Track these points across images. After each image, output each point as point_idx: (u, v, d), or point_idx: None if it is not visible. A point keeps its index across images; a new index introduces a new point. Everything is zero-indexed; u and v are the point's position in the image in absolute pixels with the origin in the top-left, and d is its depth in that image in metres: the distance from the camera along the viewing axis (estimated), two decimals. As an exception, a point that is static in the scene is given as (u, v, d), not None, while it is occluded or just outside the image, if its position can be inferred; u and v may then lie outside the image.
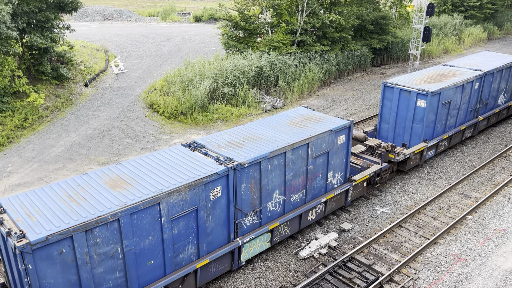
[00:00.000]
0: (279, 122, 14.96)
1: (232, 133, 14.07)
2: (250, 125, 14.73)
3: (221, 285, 12.96)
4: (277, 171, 13.09)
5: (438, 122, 19.66)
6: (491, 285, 12.84)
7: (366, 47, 36.76)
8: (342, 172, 15.66)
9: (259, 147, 12.94)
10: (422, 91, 18.44)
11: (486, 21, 52.80)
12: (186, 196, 10.95)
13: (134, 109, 26.31)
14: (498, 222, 15.94)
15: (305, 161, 13.87)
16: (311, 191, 14.62)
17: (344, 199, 16.14)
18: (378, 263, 13.92)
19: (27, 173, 19.22)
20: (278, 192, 13.43)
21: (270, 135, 13.84)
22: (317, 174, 14.54)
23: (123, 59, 34.76)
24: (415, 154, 18.79)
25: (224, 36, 32.68)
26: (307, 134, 13.84)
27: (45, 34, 25.00)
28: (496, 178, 19.31)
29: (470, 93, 21.14)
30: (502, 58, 24.63)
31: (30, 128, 23.32)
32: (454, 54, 43.84)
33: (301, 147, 13.54)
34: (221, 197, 11.86)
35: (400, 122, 19.58)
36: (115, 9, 55.27)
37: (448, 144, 21.09)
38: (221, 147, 13.04)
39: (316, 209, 15.04)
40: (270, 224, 13.43)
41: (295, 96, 29.77)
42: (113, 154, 21.11)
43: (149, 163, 11.93)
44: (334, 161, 14.99)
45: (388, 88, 19.51)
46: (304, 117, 15.45)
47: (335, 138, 14.64)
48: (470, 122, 22.03)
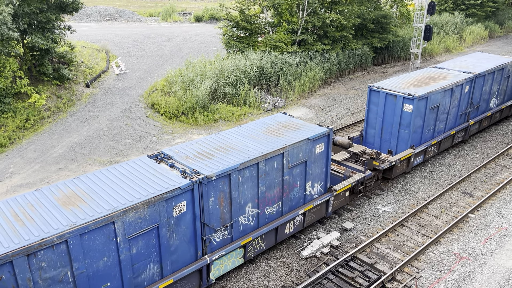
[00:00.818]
0: (254, 130, 14.24)
1: (203, 142, 13.33)
2: (224, 133, 14.01)
3: (223, 285, 12.97)
4: (249, 183, 12.40)
5: (426, 127, 18.92)
6: (493, 284, 12.82)
7: (367, 46, 36.72)
8: (322, 182, 14.94)
9: (229, 158, 12.23)
10: (408, 95, 17.74)
11: (487, 19, 52.68)
12: (144, 213, 10.22)
13: (135, 109, 26.33)
14: (500, 221, 15.91)
15: (281, 172, 13.17)
16: (288, 202, 13.91)
17: (324, 210, 15.38)
18: (381, 262, 13.91)
19: (29, 174, 19.26)
20: (251, 205, 12.73)
21: (244, 144, 13.13)
22: (294, 185, 13.85)
23: (124, 60, 34.79)
24: (401, 161, 18.06)
25: (225, 36, 32.69)
26: (282, 143, 13.12)
27: (46, 35, 25.04)
28: (498, 177, 19.27)
29: (460, 97, 20.40)
30: (494, 60, 23.85)
31: (31, 129, 23.36)
32: (455, 53, 43.77)
33: (275, 157, 12.83)
34: (186, 213, 11.12)
35: (386, 128, 18.88)
36: (116, 10, 55.32)
37: (437, 150, 20.37)
38: (189, 158, 12.28)
39: (294, 222, 14.32)
40: (242, 239, 12.73)
41: (296, 96, 29.76)
42: (114, 154, 21.13)
43: (109, 177, 11.19)
44: (312, 171, 14.27)
45: (374, 92, 18.83)
46: (281, 124, 14.71)
47: (313, 146, 13.92)
48: (461, 126, 21.28)
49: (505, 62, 23.17)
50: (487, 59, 24.12)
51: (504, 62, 23.13)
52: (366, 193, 17.63)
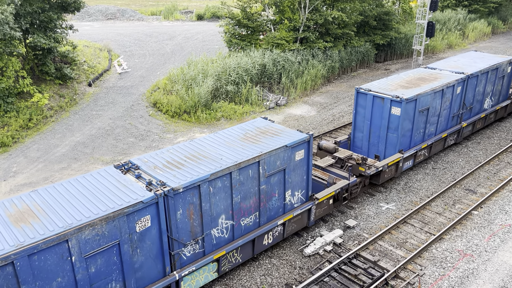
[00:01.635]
0: (231, 137, 13.61)
1: (175, 150, 12.70)
2: (198, 140, 13.38)
3: (226, 283, 12.99)
4: (221, 194, 11.80)
5: (415, 130, 18.20)
6: (497, 281, 12.79)
7: (369, 43, 36.63)
8: (303, 190, 14.30)
9: (200, 167, 11.60)
10: (396, 98, 17.03)
11: (490, 16, 52.45)
12: (103, 230, 9.57)
13: (137, 108, 26.36)
14: (504, 217, 15.86)
15: (257, 181, 12.54)
16: (266, 213, 13.27)
17: (306, 219, 14.73)
18: (384, 259, 13.90)
19: (32, 173, 19.32)
20: (224, 216, 12.12)
21: (217, 152, 12.51)
22: (272, 194, 13.23)
23: (126, 58, 34.83)
24: (389, 166, 17.34)
25: (227, 34, 32.67)
26: (257, 151, 12.47)
27: (48, 34, 25.09)
28: (501, 173, 19.21)
29: (452, 98, 19.67)
30: (488, 59, 23.02)
31: (34, 128, 23.42)
32: (458, 49, 43.60)
33: (250, 166, 12.18)
34: (151, 227, 10.50)
35: (374, 131, 18.21)
36: (118, 9, 55.35)
37: (428, 154, 19.70)
38: (157, 168, 11.67)
39: (273, 232, 13.71)
40: (215, 253, 12.09)
41: (299, 93, 29.72)
42: (117, 153, 21.17)
43: (70, 191, 10.53)
44: (292, 179, 13.64)
45: (361, 95, 18.15)
46: (260, 130, 14.04)
47: (292, 154, 13.28)
48: (453, 129, 20.54)
49: (500, 62, 22.41)
50: (481, 58, 23.35)
51: (498, 62, 22.37)
52: (352, 200, 17.06)
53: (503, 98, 24.25)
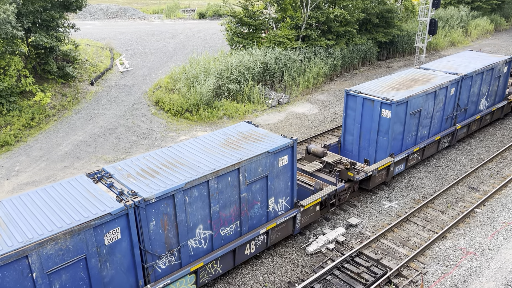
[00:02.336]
0: (211, 143, 13.10)
1: (151, 157, 12.21)
2: (177, 146, 12.89)
3: (229, 281, 13.00)
4: (198, 203, 11.33)
5: (406, 133, 17.68)
6: (500, 279, 12.76)
7: (372, 41, 36.54)
8: (288, 197, 13.78)
9: (175, 176, 11.12)
10: (386, 100, 16.55)
11: (493, 13, 52.24)
12: (67, 244, 9.11)
13: (140, 106, 26.38)
14: (507, 215, 15.82)
15: (237, 189, 12.07)
16: (248, 221, 12.79)
17: (292, 227, 14.27)
18: (386, 257, 13.88)
19: (35, 172, 19.37)
20: (202, 226, 11.64)
21: (195, 159, 12.00)
22: (254, 202, 12.75)
23: (128, 57, 34.84)
24: (379, 171, 16.85)
25: (229, 32, 32.63)
26: (237, 158, 11.99)
27: (50, 33, 25.11)
28: (504, 171, 19.15)
29: (445, 100, 19.16)
30: (484, 59, 22.43)
31: (37, 127, 23.47)
32: (461, 47, 43.45)
33: (229, 174, 11.70)
34: (121, 240, 10.04)
35: (364, 134, 17.75)
36: (120, 7, 55.37)
37: (420, 157, 19.19)
38: (131, 176, 11.16)
39: (256, 241, 13.24)
40: (193, 265, 11.58)
41: (301, 91, 29.68)
42: (119, 152, 21.20)
43: (36, 202, 10.04)
44: (275, 186, 13.15)
45: (351, 97, 17.68)
46: (242, 135, 13.55)
47: (275, 160, 12.78)
48: (447, 131, 20.02)
49: (495, 62, 21.84)
50: (476, 58, 22.77)
51: (494, 62, 21.80)
52: (341, 206, 16.60)
53: (500, 99, 23.66)
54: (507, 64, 22.95)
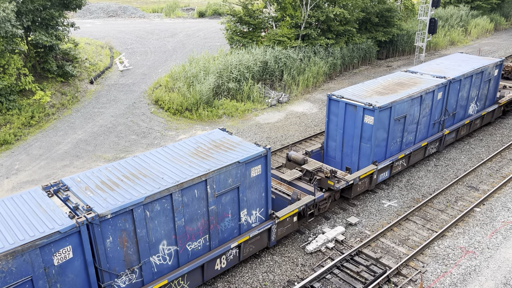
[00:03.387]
0: (180, 152, 12.45)
1: (114, 168, 11.58)
2: (143, 156, 12.23)
3: (229, 280, 13.02)
4: (161, 218, 10.70)
5: (391, 140, 17.00)
6: (499, 278, 12.78)
7: (371, 40, 36.55)
8: (262, 209, 13.14)
9: (136, 189, 10.49)
10: (368, 106, 15.87)
11: (493, 12, 52.24)
12: (9, 265, 8.52)
13: (139, 105, 26.38)
14: (506, 214, 15.84)
15: (205, 202, 11.48)
16: (218, 235, 12.20)
17: (267, 239, 13.67)
18: (386, 256, 13.91)
19: (34, 170, 19.37)
20: (166, 242, 11.02)
21: (160, 170, 11.39)
22: (224, 215, 12.16)
23: (128, 56, 34.82)
24: (361, 179, 16.21)
25: (228, 31, 32.62)
26: (205, 168, 11.38)
27: (50, 32, 25.09)
28: (504, 170, 19.17)
29: (432, 104, 18.50)
30: (473, 62, 21.74)
31: (37, 126, 23.46)
32: (460, 46, 43.46)
33: (195, 186, 11.08)
34: (73, 259, 9.41)
35: (347, 141, 17.10)
36: (119, 6, 55.32)
37: (406, 164, 18.52)
38: (89, 189, 10.53)
39: (227, 256, 12.65)
40: (156, 283, 10.96)
41: (300, 91, 29.69)
42: (119, 150, 21.21)
43: None
44: (248, 197, 12.53)
45: (334, 101, 17.04)
46: (214, 143, 12.94)
47: (247, 170, 12.17)
48: (434, 136, 19.36)
49: (485, 65, 21.20)
50: (466, 61, 22.10)
51: (483, 65, 21.16)
52: (322, 214, 16.01)
53: (490, 103, 23.01)
54: (498, 67, 22.28)
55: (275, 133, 23.34)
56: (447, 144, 20.90)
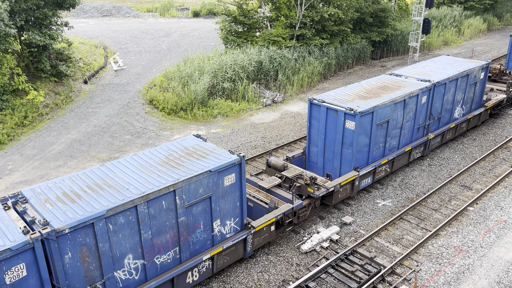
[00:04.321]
0: (150, 160, 11.96)
1: (78, 178, 11.05)
2: (111, 164, 11.76)
3: (223, 280, 13.01)
4: (126, 231, 10.24)
5: (373, 145, 16.60)
6: (492, 276, 12.88)
7: (366, 40, 36.66)
8: (237, 218, 12.73)
9: (98, 201, 10.00)
10: (349, 111, 15.42)
11: (486, 12, 52.59)
12: None
13: (134, 105, 26.29)
14: (499, 213, 15.96)
15: (174, 213, 11.01)
16: (189, 247, 11.76)
17: (242, 250, 13.23)
18: (380, 255, 13.96)
19: (28, 170, 19.25)
20: (132, 256, 10.56)
21: (126, 180, 10.91)
22: (196, 226, 11.72)
23: (122, 56, 34.70)
24: (342, 185, 15.78)
25: (223, 31, 32.60)
26: (174, 178, 10.93)
27: (43, 31, 24.94)
28: (497, 170, 19.31)
29: (416, 109, 18.13)
30: (459, 65, 21.40)
31: (30, 126, 23.32)
32: (454, 46, 43.71)
33: (163, 197, 10.62)
34: (28, 277, 8.95)
35: (329, 146, 16.67)
36: (113, 5, 55.09)
37: (390, 169, 18.14)
38: (48, 202, 9.96)
39: (199, 268, 12.19)
40: None
41: (295, 90, 29.73)
42: (113, 150, 21.13)
43: None
44: (221, 207, 12.12)
45: (315, 106, 16.62)
46: (186, 151, 12.41)
47: (219, 179, 11.73)
48: (419, 141, 19.02)
49: (471, 67, 20.86)
50: (452, 64, 21.76)
51: (469, 68, 20.81)
52: (301, 223, 15.60)
53: (476, 106, 22.69)
54: (484, 69, 21.98)
55: (270, 133, 23.36)
56: (432, 148, 20.62)
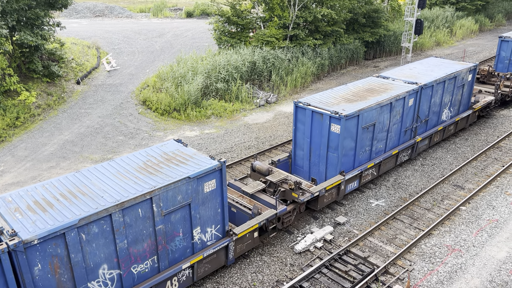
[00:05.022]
0: (128, 166, 11.60)
1: (52, 185, 10.67)
2: (86, 171, 11.38)
3: (217, 280, 12.99)
4: (100, 241, 9.89)
5: (359, 149, 16.40)
6: (485, 275, 12.98)
7: (359, 41, 36.81)
8: (218, 225, 12.43)
9: (71, 210, 9.65)
10: (335, 114, 15.15)
11: (478, 13, 53.00)
12: None
13: (127, 106, 26.18)
14: (491, 213, 16.09)
15: (151, 221, 10.70)
16: (167, 256, 11.44)
17: (224, 258, 12.94)
18: (374, 255, 14.02)
19: (20, 172, 19.10)
20: (107, 266, 10.21)
21: (102, 188, 10.56)
22: (175, 234, 11.41)
23: (115, 56, 34.53)
24: (327, 190, 15.55)
25: (216, 31, 32.56)
26: (150, 185, 10.60)
27: (35, 32, 24.76)
28: (489, 169, 19.47)
29: (403, 111, 17.93)
30: (446, 67, 21.24)
31: (22, 127, 23.14)
32: (446, 46, 44.00)
33: (139, 205, 10.29)
34: None
35: (315, 150, 16.41)
36: (106, 6, 54.82)
37: (377, 173, 17.92)
38: (19, 211, 9.60)
39: (179, 277, 11.91)
40: None
41: (289, 91, 29.77)
42: (106, 151, 21.02)
43: None
44: (201, 214, 11.81)
45: (300, 109, 16.40)
46: (166, 156, 12.08)
47: (199, 185, 11.42)
48: (406, 144, 18.82)
49: (458, 70, 20.73)
50: (439, 66, 21.60)
51: (456, 70, 20.69)
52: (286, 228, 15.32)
53: (464, 108, 22.57)
54: (471, 72, 21.85)
55: (263, 133, 23.37)
56: (420, 151, 20.53)
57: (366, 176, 17.47)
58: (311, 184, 15.67)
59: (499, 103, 25.61)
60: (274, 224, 14.23)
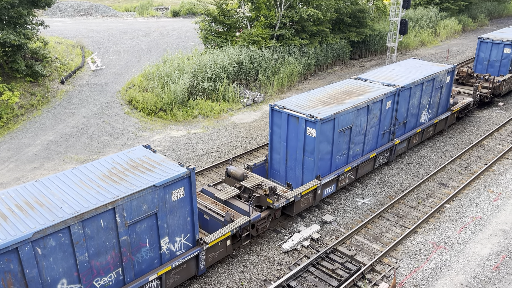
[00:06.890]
0: (92, 174, 11.15)
1: (8, 195, 10.16)
2: (47, 180, 10.84)
3: (205, 281, 12.96)
4: (58, 254, 9.42)
5: (336, 152, 16.14)
6: (469, 272, 13.19)
7: (345, 40, 37.05)
8: (188, 234, 12.04)
9: (26, 222, 9.17)
10: (310, 118, 14.91)
11: (461, 13, 53.80)
12: None
13: (112, 106, 25.92)
14: (474, 210, 16.35)
15: (114, 232, 10.26)
16: (133, 268, 11.00)
17: (195, 267, 12.59)
18: (360, 253, 14.13)
19: (3, 173, 18.77)
20: (66, 281, 9.77)
21: (62, 198, 10.08)
22: (141, 245, 11.00)
23: (100, 55, 34.16)
24: (303, 195, 15.26)
25: (203, 31, 32.46)
26: (113, 195, 10.15)
27: (18, 31, 24.35)
28: (472, 167, 19.78)
29: (380, 114, 17.75)
30: (425, 69, 21.16)
31: (5, 127, 22.75)
32: (430, 46, 44.56)
33: (101, 216, 9.84)
34: None
35: (291, 154, 16.14)
36: (91, 4, 54.18)
37: (354, 176, 17.71)
38: None
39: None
40: None
41: (275, 90, 29.82)
42: (92, 152, 20.79)
43: None
44: (169, 223, 11.40)
45: (276, 112, 16.07)
46: (132, 164, 11.63)
47: (166, 194, 11.01)
48: (384, 147, 18.66)
49: (436, 71, 20.65)
50: (418, 68, 21.49)
51: (434, 72, 20.59)
52: (261, 235, 15.02)
53: (443, 110, 22.58)
54: (450, 73, 21.86)
55: (250, 133, 23.37)
56: (398, 154, 20.36)
57: (343, 180, 17.20)
58: (287, 190, 15.26)
59: (477, 104, 25.76)
60: (248, 232, 13.86)
